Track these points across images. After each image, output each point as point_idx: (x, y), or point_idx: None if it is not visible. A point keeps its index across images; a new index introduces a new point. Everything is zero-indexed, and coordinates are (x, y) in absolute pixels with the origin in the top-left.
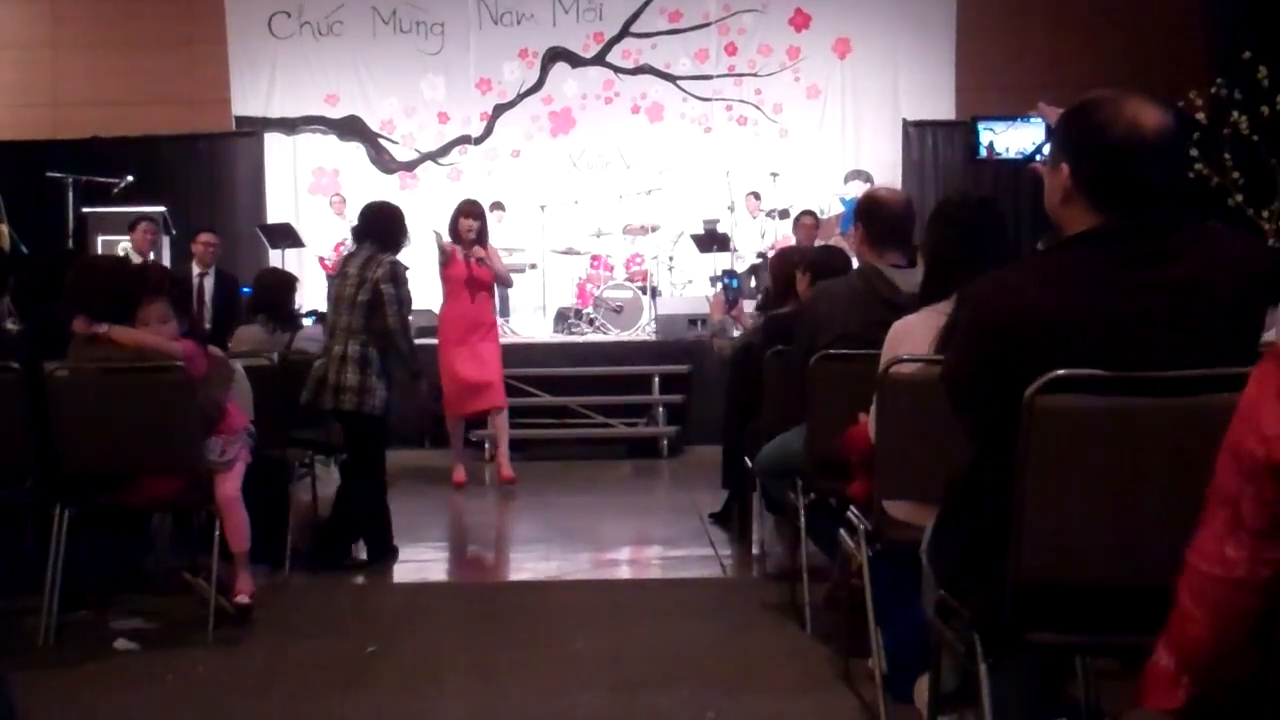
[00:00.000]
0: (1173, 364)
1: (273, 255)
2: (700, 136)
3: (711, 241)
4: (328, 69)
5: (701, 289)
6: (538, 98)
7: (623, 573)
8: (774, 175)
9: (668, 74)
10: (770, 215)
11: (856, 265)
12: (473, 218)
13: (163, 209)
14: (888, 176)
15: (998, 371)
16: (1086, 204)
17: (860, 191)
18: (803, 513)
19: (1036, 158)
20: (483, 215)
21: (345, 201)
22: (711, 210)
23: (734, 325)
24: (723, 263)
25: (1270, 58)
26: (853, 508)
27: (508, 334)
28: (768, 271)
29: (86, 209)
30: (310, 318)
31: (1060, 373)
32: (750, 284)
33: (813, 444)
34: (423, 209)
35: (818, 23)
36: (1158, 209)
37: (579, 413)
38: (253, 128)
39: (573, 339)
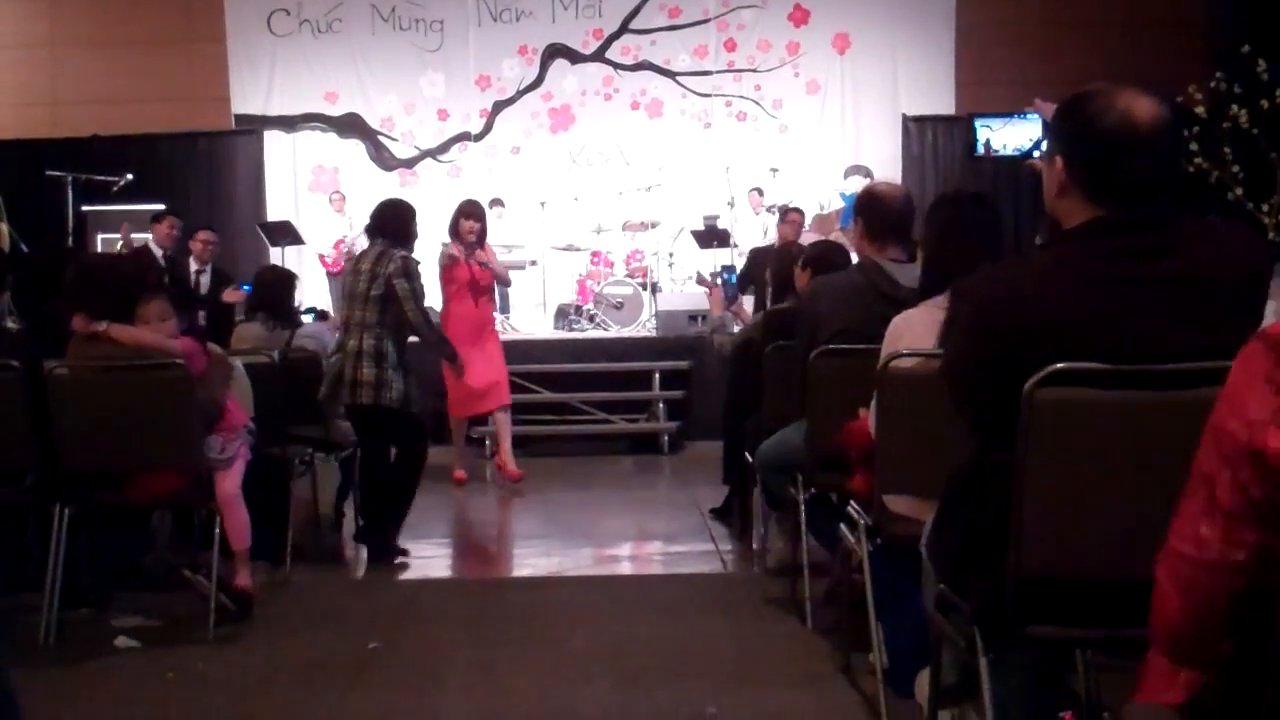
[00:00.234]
0: (1171, 357)
1: (272, 253)
2: (700, 132)
3: (711, 237)
4: (327, 66)
5: (694, 284)
6: (537, 94)
7: (624, 568)
8: (774, 171)
9: (667, 70)
10: (771, 211)
11: (856, 260)
12: (474, 219)
13: (162, 207)
14: (887, 171)
15: (997, 366)
16: (1081, 197)
17: (860, 186)
18: (803, 508)
19: (1035, 154)
20: (484, 216)
21: (345, 199)
22: (711, 206)
23: (734, 321)
24: (723, 259)
25: (1269, 52)
26: (853, 503)
27: (508, 331)
28: (750, 264)
29: (86, 207)
30: (310, 315)
31: (1059, 366)
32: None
33: (813, 439)
34: (423, 206)
35: (817, 18)
36: (1153, 201)
37: (579, 409)
38: (252, 125)
39: (573, 335)
